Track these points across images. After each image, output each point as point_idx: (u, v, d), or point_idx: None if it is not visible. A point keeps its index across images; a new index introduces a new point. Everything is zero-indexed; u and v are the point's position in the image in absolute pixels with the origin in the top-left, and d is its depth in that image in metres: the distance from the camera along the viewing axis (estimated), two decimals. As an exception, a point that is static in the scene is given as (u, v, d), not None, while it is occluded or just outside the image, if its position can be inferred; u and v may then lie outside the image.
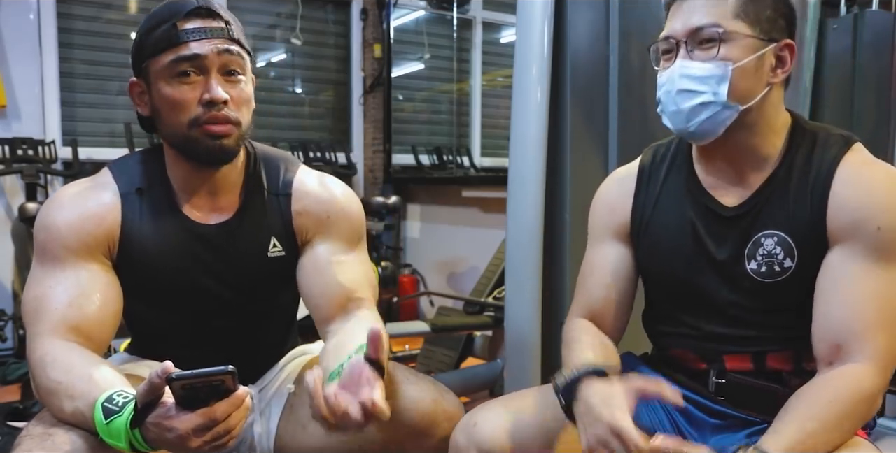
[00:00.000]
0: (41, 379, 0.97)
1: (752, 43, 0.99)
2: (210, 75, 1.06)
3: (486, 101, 4.91)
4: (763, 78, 1.01)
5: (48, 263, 1.07)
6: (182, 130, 1.07)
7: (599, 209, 1.21)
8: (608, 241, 1.17)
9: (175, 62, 1.04)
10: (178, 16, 1.05)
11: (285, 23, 4.33)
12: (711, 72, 0.98)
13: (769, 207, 1.03)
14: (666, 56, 1.05)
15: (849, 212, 0.96)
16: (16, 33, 3.48)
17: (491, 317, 2.72)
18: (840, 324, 0.94)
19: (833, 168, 0.99)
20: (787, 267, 1.00)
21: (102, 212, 1.10)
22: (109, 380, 0.93)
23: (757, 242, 1.02)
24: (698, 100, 0.99)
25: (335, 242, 1.20)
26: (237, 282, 1.18)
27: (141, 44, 1.08)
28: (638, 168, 1.19)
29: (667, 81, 1.03)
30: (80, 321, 1.03)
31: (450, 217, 4.21)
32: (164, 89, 1.06)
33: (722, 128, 1.01)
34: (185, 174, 1.14)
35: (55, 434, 0.92)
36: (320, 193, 1.21)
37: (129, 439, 0.86)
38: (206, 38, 1.05)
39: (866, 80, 2.23)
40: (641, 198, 1.15)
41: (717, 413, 1.08)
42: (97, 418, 0.88)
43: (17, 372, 2.85)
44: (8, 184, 3.51)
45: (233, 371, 0.83)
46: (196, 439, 0.84)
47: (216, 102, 1.05)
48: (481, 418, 1.03)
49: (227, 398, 0.85)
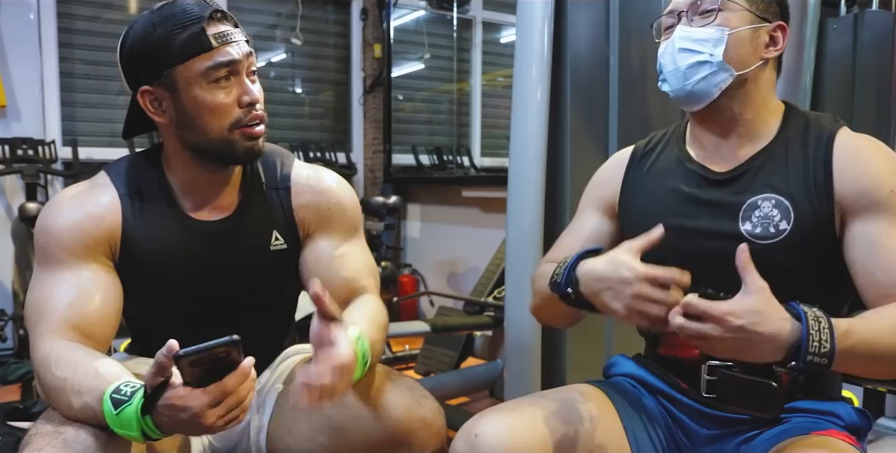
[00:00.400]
0: (47, 377, 0.98)
1: (748, 16, 1.05)
2: (242, 77, 1.08)
3: (486, 101, 4.91)
4: (757, 50, 1.06)
5: (49, 266, 1.07)
6: (221, 134, 1.08)
7: (590, 185, 1.26)
8: (590, 212, 1.23)
9: (213, 68, 1.05)
10: (201, 20, 1.04)
11: (285, 23, 4.33)
12: (710, 35, 1.04)
13: (765, 172, 1.05)
14: (668, 31, 1.11)
15: (859, 179, 0.99)
16: (16, 33, 3.48)
17: (491, 317, 2.73)
18: (889, 284, 0.96)
19: (831, 139, 1.04)
20: (782, 229, 1.01)
21: (101, 213, 1.10)
22: (115, 373, 0.93)
23: (753, 205, 1.04)
24: (696, 58, 1.05)
25: (335, 234, 1.22)
26: (240, 278, 1.18)
27: (158, 50, 1.05)
28: (633, 150, 1.24)
29: (667, 45, 1.09)
30: (82, 320, 1.03)
31: (450, 217, 4.22)
32: (201, 95, 1.06)
33: (717, 90, 1.05)
34: (192, 175, 1.14)
35: (65, 431, 0.92)
36: (319, 186, 1.23)
37: (140, 427, 0.86)
38: (234, 42, 1.07)
39: (866, 80, 2.23)
40: (631, 174, 1.20)
41: (710, 417, 1.08)
42: (106, 410, 0.88)
43: (17, 372, 2.85)
44: (8, 184, 3.51)
45: (237, 340, 0.84)
46: (211, 415, 0.85)
47: (255, 103, 1.09)
48: (482, 429, 1.01)
49: (235, 370, 0.86)
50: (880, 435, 1.19)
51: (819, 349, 0.84)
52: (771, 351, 0.85)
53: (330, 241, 1.21)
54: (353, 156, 4.53)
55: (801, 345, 0.84)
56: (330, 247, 1.21)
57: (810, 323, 0.85)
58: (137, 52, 1.08)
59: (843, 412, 1.05)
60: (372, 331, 1.07)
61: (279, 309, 1.30)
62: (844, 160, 1.01)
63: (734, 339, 0.84)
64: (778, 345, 0.85)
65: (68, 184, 3.57)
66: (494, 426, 1.02)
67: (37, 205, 3.12)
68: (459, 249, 4.10)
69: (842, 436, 0.99)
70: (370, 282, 1.22)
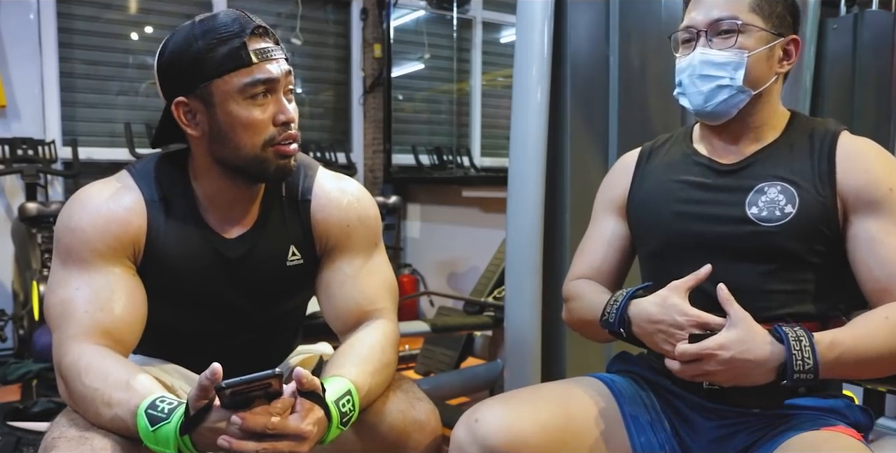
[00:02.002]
0: (75, 384, 0.97)
1: (764, 35, 1.08)
2: (279, 95, 1.06)
3: (486, 101, 4.91)
4: (773, 67, 1.10)
5: (73, 265, 1.05)
6: (254, 151, 1.06)
7: (601, 189, 1.30)
8: (606, 216, 1.26)
9: (251, 84, 1.03)
10: (243, 35, 1.02)
11: (285, 23, 4.33)
12: (730, 59, 1.07)
13: (771, 163, 1.10)
14: (686, 44, 1.13)
15: (860, 175, 1.04)
16: (16, 33, 3.48)
17: (491, 317, 2.73)
18: (887, 281, 1.01)
19: (834, 137, 1.09)
20: (787, 212, 1.05)
21: (128, 216, 1.08)
22: (147, 387, 0.94)
23: (760, 191, 1.08)
24: (717, 83, 1.08)
25: (354, 251, 1.19)
26: (256, 293, 1.17)
27: (196, 62, 1.03)
28: (640, 151, 1.27)
29: (688, 66, 1.11)
30: (110, 325, 1.02)
31: (450, 217, 4.22)
32: (237, 111, 1.04)
33: (735, 110, 1.10)
34: (218, 189, 1.12)
35: (92, 438, 0.92)
36: (340, 200, 1.20)
37: (177, 445, 0.87)
38: (274, 59, 1.05)
39: (866, 80, 2.23)
40: (640, 172, 1.23)
41: (712, 409, 1.09)
42: (141, 424, 0.89)
43: (17, 372, 2.85)
44: (8, 184, 3.51)
45: (280, 374, 0.86)
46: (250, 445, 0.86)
47: (290, 122, 1.07)
48: (482, 415, 1.04)
49: (277, 399, 0.88)
50: (880, 435, 1.19)
51: (804, 366, 0.92)
52: (762, 374, 0.94)
53: (348, 260, 1.19)
54: (352, 156, 4.53)
55: (787, 365, 0.92)
56: (347, 265, 1.18)
57: (792, 343, 0.93)
58: (176, 63, 1.05)
59: (846, 409, 1.06)
60: (365, 378, 1.04)
61: (291, 317, 1.30)
62: (846, 156, 1.06)
63: (728, 369, 0.94)
64: (768, 368, 0.93)
65: (68, 184, 3.58)
66: (495, 412, 1.04)
67: (37, 205, 3.12)
68: (459, 249, 4.10)
69: (850, 433, 1.00)
70: (385, 304, 1.20)
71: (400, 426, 1.09)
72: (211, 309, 1.16)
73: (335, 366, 1.05)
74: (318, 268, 1.21)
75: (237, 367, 0.93)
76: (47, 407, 2.34)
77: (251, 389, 0.85)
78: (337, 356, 1.11)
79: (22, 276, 3.15)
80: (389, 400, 1.11)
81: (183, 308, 1.15)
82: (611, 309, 1.08)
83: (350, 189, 1.22)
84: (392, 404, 1.10)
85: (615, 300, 1.08)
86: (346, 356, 1.09)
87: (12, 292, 3.37)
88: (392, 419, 1.09)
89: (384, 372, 1.10)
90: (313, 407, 0.91)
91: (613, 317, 1.06)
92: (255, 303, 1.18)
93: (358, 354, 1.09)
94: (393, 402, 1.11)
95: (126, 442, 0.92)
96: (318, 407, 0.92)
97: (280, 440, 0.87)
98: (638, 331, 1.04)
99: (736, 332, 0.93)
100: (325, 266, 1.20)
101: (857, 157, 1.06)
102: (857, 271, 1.04)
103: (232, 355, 1.11)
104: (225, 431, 0.85)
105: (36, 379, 2.79)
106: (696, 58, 1.09)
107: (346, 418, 0.97)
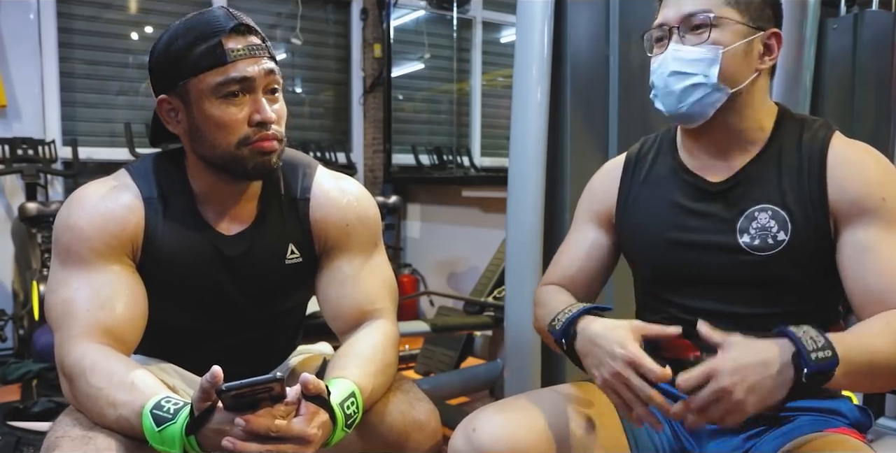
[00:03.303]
0: (80, 384, 0.97)
1: (741, 29, 1.02)
2: (257, 95, 1.04)
3: (486, 101, 4.92)
4: (752, 63, 1.04)
5: (73, 265, 1.05)
6: (229, 150, 1.05)
7: (584, 198, 1.26)
8: (588, 226, 1.23)
9: (224, 84, 1.02)
10: (221, 33, 1.01)
11: (285, 23, 4.33)
12: (703, 55, 1.02)
13: (760, 183, 1.05)
14: (659, 43, 1.08)
15: (852, 188, 0.99)
16: (16, 33, 3.48)
17: (491, 317, 2.72)
18: (878, 290, 0.95)
19: (825, 146, 1.03)
20: (780, 240, 1.01)
21: (126, 214, 1.08)
22: (151, 387, 0.94)
23: (750, 216, 1.03)
24: (689, 81, 1.02)
25: (353, 250, 1.19)
26: (255, 290, 1.17)
27: (177, 60, 1.03)
28: (625, 158, 1.22)
29: (659, 65, 1.06)
30: (112, 323, 1.02)
31: (450, 217, 4.22)
32: (210, 110, 1.03)
33: (712, 109, 1.04)
34: (211, 186, 1.12)
35: (96, 437, 0.92)
36: (339, 200, 1.19)
37: (183, 445, 0.88)
38: (251, 58, 1.03)
39: (866, 80, 2.23)
40: (626, 185, 1.18)
41: None
42: (147, 425, 0.89)
43: (17, 372, 2.85)
44: (8, 184, 3.51)
45: (282, 378, 0.86)
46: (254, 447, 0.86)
47: (267, 123, 1.05)
48: (479, 424, 1.02)
49: (279, 403, 0.88)
50: (880, 435, 1.19)
51: (816, 344, 0.82)
52: (778, 375, 0.82)
53: (347, 259, 1.18)
54: (352, 156, 4.53)
55: (800, 349, 0.82)
56: (346, 265, 1.18)
57: (794, 330, 0.85)
58: (160, 61, 1.06)
59: (846, 409, 1.05)
60: (368, 379, 1.04)
61: (290, 316, 1.29)
62: (838, 169, 1.01)
63: (741, 381, 0.82)
64: (782, 364, 0.82)
65: (68, 184, 3.58)
66: (492, 421, 1.03)
67: (37, 204, 3.12)
68: (459, 249, 4.10)
69: (853, 434, 0.99)
70: (385, 304, 1.19)
71: (400, 426, 1.09)
72: (210, 306, 1.16)
73: (337, 368, 1.05)
74: (318, 268, 1.20)
75: (237, 367, 0.93)
76: (47, 407, 2.34)
77: (253, 392, 0.85)
78: (338, 357, 1.10)
79: (22, 276, 3.15)
80: (390, 401, 1.10)
81: (183, 305, 1.15)
82: (562, 317, 1.05)
83: (349, 189, 1.21)
84: (392, 405, 1.10)
85: (569, 310, 1.05)
86: (348, 357, 1.09)
87: (12, 292, 3.37)
88: (392, 419, 1.09)
89: (386, 372, 1.09)
90: (318, 411, 0.91)
91: (560, 326, 1.04)
92: (253, 301, 1.18)
93: (360, 355, 1.09)
94: (393, 403, 1.10)
95: (130, 441, 0.93)
96: (323, 411, 0.92)
97: (284, 443, 0.87)
98: (579, 347, 1.01)
99: (734, 348, 0.85)
100: (324, 265, 1.20)
101: (849, 167, 1.00)
102: (846, 280, 0.99)
103: (232, 354, 1.11)
104: (229, 433, 0.86)
105: (36, 379, 2.79)
106: (668, 55, 1.04)
107: (351, 420, 0.97)
